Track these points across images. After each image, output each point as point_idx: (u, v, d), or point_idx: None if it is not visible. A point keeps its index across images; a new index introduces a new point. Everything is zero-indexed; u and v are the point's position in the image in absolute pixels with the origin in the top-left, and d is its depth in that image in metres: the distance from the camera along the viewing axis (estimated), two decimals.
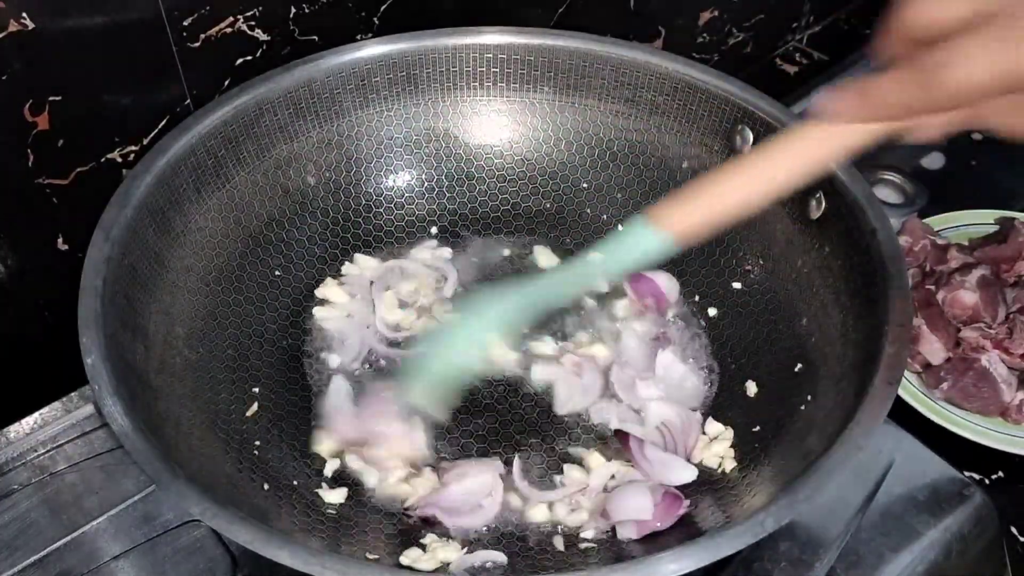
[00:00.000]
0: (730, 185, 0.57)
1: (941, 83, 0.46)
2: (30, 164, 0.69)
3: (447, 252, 0.82)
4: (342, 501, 0.66)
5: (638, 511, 0.62)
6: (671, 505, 0.63)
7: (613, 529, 0.64)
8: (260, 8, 0.75)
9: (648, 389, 0.73)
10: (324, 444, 0.69)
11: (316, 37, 0.80)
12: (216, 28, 0.74)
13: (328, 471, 0.68)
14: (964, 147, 1.07)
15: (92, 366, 0.58)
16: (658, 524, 0.62)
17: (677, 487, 0.66)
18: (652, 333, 0.77)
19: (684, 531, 0.62)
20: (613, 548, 0.63)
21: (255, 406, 0.70)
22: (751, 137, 0.76)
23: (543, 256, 0.83)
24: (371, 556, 0.61)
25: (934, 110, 0.48)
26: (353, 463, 0.68)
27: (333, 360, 0.75)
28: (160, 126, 0.74)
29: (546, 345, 0.76)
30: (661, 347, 0.75)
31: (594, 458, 0.68)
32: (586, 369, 0.74)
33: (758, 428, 0.69)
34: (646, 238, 0.59)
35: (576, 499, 0.67)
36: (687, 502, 0.63)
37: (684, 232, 0.59)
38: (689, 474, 0.66)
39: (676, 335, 0.77)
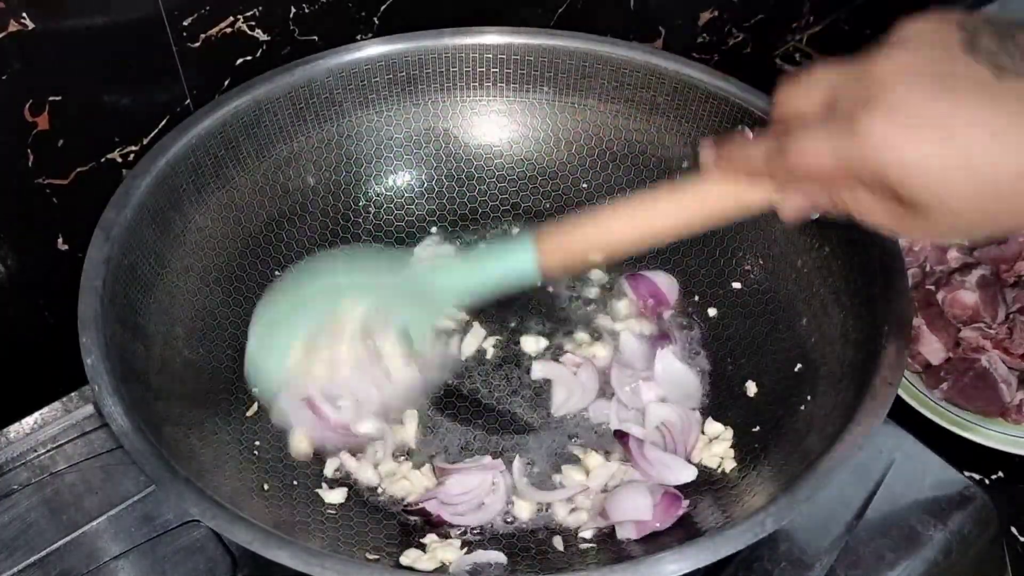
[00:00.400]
0: (607, 226, 0.59)
1: (788, 155, 0.49)
2: (30, 164, 0.69)
3: (449, 249, 0.82)
4: (342, 501, 0.66)
5: (637, 511, 0.62)
6: (670, 505, 0.63)
7: (613, 529, 0.64)
8: (260, 8, 0.75)
9: (648, 389, 0.73)
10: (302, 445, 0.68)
11: (316, 37, 0.80)
12: (216, 28, 0.74)
13: (328, 471, 0.68)
14: None
15: (92, 366, 0.58)
16: (657, 524, 0.62)
17: (677, 487, 0.66)
18: (652, 333, 0.77)
19: (684, 531, 0.62)
20: (613, 548, 0.63)
21: (255, 406, 0.70)
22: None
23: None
24: (371, 556, 0.61)
25: (783, 180, 0.51)
26: (348, 462, 0.68)
27: None
28: (160, 126, 0.74)
29: (537, 342, 0.77)
30: (660, 347, 0.75)
31: (593, 458, 0.68)
32: (585, 369, 0.74)
33: (758, 428, 0.69)
34: (523, 258, 0.60)
35: (576, 499, 0.67)
36: (686, 502, 0.63)
37: (553, 264, 0.60)
38: (689, 474, 0.66)
39: (676, 335, 0.77)
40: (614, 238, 0.59)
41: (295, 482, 0.66)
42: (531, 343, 0.77)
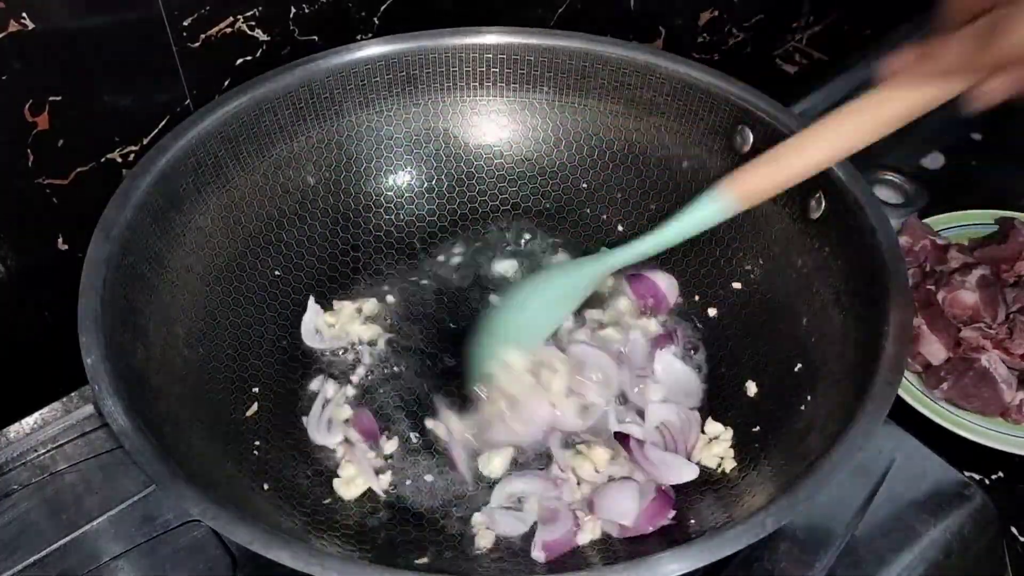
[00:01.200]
0: (802, 149, 0.62)
1: (994, 44, 0.49)
2: (30, 164, 0.69)
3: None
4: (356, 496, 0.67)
5: (621, 514, 0.63)
6: (655, 514, 0.63)
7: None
8: (260, 8, 0.75)
9: (647, 389, 0.73)
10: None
11: (316, 37, 0.80)
12: (216, 28, 0.74)
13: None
14: (964, 147, 1.07)
15: (92, 366, 0.58)
16: (644, 527, 0.62)
17: (678, 487, 0.66)
18: (652, 333, 0.77)
19: (684, 531, 0.62)
20: (612, 548, 0.63)
21: (255, 406, 0.70)
22: (751, 137, 0.76)
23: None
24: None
25: (989, 70, 0.51)
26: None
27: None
28: (160, 126, 0.74)
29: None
30: (661, 347, 0.75)
31: (596, 454, 0.68)
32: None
33: (758, 428, 0.69)
34: (713, 204, 0.65)
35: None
36: (672, 513, 0.63)
37: (752, 195, 0.64)
38: (691, 472, 0.66)
39: (676, 335, 0.77)
40: (810, 160, 0.62)
41: (295, 482, 0.66)
42: None
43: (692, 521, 0.63)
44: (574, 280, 0.74)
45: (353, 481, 0.67)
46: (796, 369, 0.70)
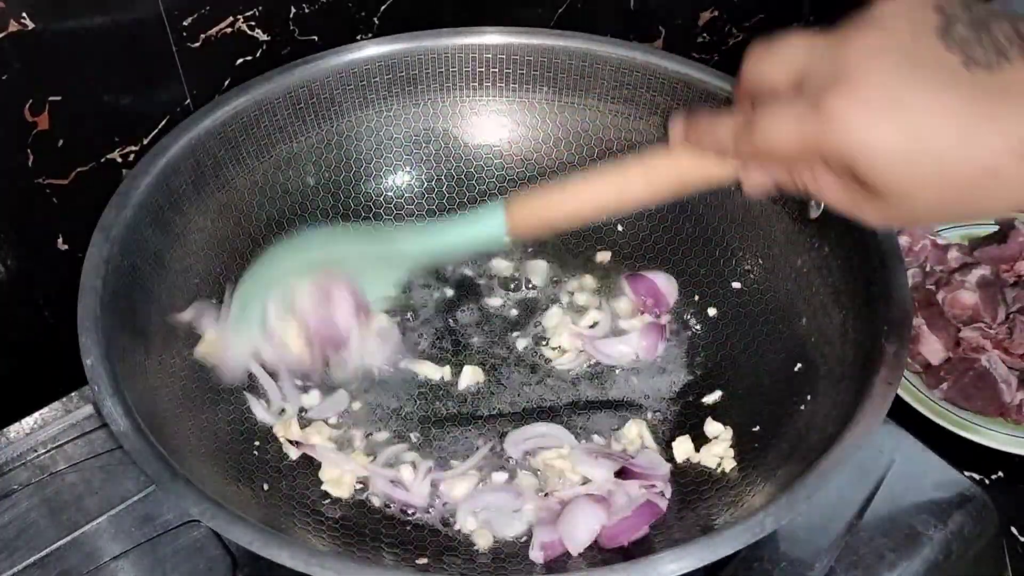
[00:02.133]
0: (577, 193, 0.60)
1: (753, 133, 0.50)
2: (30, 164, 0.69)
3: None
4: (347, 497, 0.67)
5: (574, 541, 0.62)
6: (633, 527, 0.62)
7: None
8: (260, 8, 0.75)
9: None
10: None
11: (316, 37, 0.80)
12: (216, 28, 0.74)
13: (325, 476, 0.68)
14: None
15: (92, 366, 0.58)
16: (619, 540, 0.62)
17: (677, 487, 0.66)
18: (651, 332, 0.77)
19: (684, 531, 0.62)
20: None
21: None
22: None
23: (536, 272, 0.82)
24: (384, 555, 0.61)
25: (748, 157, 0.52)
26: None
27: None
28: (160, 126, 0.74)
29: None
30: (659, 344, 0.75)
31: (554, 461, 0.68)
32: None
33: (758, 428, 0.69)
34: (493, 221, 0.61)
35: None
36: (645, 530, 0.63)
37: (522, 227, 0.61)
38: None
39: (674, 334, 0.77)
40: (582, 205, 0.60)
41: (296, 482, 0.66)
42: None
43: (692, 521, 0.63)
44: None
45: (340, 480, 0.67)
46: (796, 369, 0.70)
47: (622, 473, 0.66)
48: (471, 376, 0.74)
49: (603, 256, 0.83)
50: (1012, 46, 0.43)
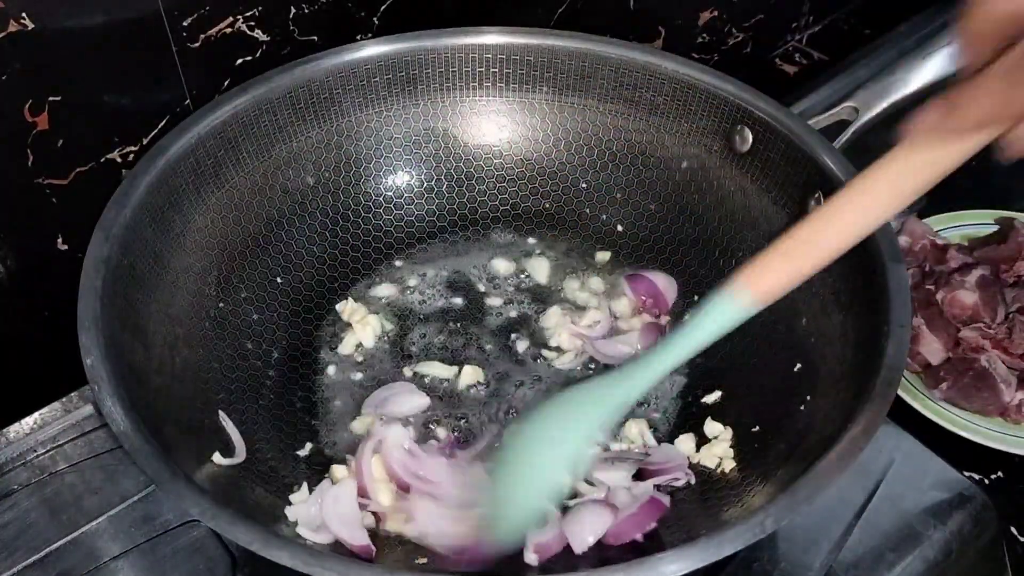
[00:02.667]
0: (822, 233, 0.54)
1: None
2: (30, 164, 0.69)
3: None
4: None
5: (579, 539, 0.62)
6: (625, 531, 0.62)
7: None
8: (260, 8, 0.75)
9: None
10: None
11: (316, 37, 0.80)
12: (216, 28, 0.74)
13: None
14: None
15: (92, 366, 0.58)
16: (624, 536, 0.62)
17: (674, 486, 0.66)
18: (649, 331, 0.77)
19: (684, 532, 0.62)
20: (605, 550, 0.63)
21: (256, 407, 0.70)
22: (750, 137, 0.77)
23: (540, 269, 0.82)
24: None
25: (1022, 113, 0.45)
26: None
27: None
28: (160, 126, 0.74)
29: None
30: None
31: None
32: None
33: (758, 428, 0.69)
34: (728, 306, 0.56)
35: None
36: (638, 536, 0.63)
37: (769, 294, 0.55)
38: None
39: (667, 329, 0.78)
40: (825, 250, 0.54)
41: (296, 482, 0.66)
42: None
43: (692, 522, 0.63)
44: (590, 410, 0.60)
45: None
46: (796, 369, 0.70)
47: (639, 475, 0.66)
48: (471, 376, 0.74)
49: (603, 256, 0.83)
50: None
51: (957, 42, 0.46)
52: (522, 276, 0.82)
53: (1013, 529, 0.75)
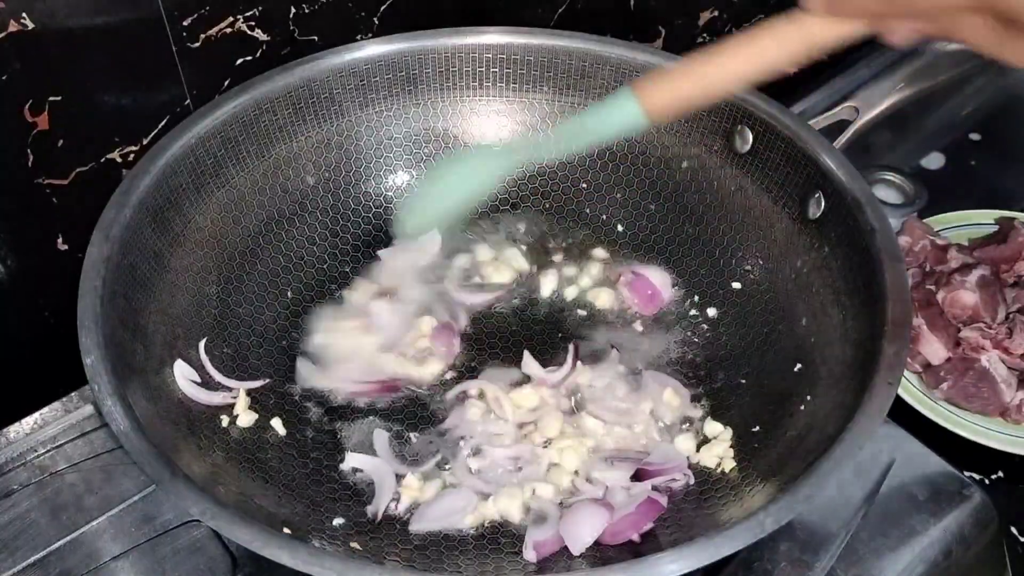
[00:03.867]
0: (710, 67, 0.60)
1: None
2: (30, 164, 0.69)
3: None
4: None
5: (575, 540, 0.62)
6: (622, 530, 0.62)
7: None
8: (260, 8, 0.75)
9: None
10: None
11: (316, 37, 0.80)
12: (216, 28, 0.74)
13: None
14: (964, 147, 1.07)
15: (92, 366, 0.58)
16: (621, 536, 0.62)
17: (675, 488, 0.66)
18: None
19: (684, 531, 0.62)
20: (603, 549, 0.63)
21: (254, 407, 0.70)
22: (751, 137, 0.77)
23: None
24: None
25: (901, 15, 0.52)
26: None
27: None
28: (160, 126, 0.74)
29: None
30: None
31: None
32: None
33: (758, 428, 0.69)
34: (626, 109, 0.61)
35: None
36: (635, 536, 0.63)
37: (660, 109, 0.61)
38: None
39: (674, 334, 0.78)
40: (717, 78, 0.60)
41: (295, 482, 0.66)
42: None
43: (691, 521, 0.63)
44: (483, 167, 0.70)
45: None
46: (796, 369, 0.70)
47: (638, 475, 0.66)
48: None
49: (601, 254, 0.83)
50: None
51: None
52: (522, 275, 0.82)
53: (1013, 529, 0.75)
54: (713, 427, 0.70)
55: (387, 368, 0.74)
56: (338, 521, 0.64)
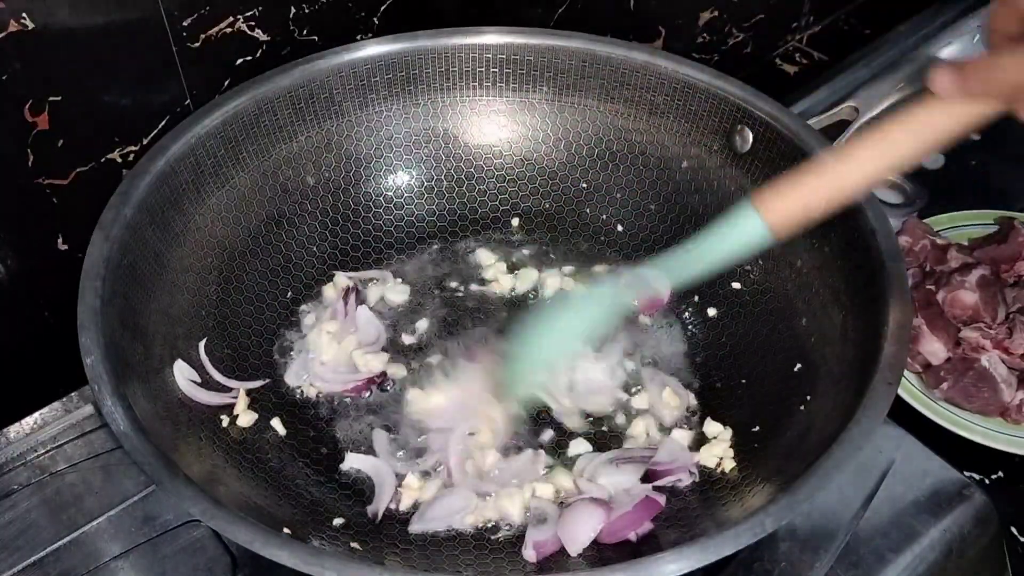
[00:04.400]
0: (838, 174, 0.58)
1: None
2: (30, 164, 0.69)
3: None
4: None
5: (573, 540, 0.62)
6: (619, 529, 0.62)
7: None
8: (260, 8, 0.75)
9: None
10: None
11: (316, 37, 0.80)
12: (216, 28, 0.74)
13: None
14: (964, 147, 1.06)
15: (92, 366, 0.58)
16: (619, 535, 0.62)
17: (675, 488, 0.66)
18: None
19: (683, 531, 0.62)
20: (603, 549, 0.63)
21: (254, 406, 0.70)
22: (751, 137, 0.77)
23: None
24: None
25: None
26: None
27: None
28: (160, 126, 0.74)
29: None
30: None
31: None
32: None
33: (758, 428, 0.69)
34: (750, 227, 0.59)
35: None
36: (632, 535, 0.63)
37: (784, 223, 0.59)
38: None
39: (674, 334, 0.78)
40: (845, 184, 0.58)
41: (295, 482, 0.66)
42: None
43: (691, 521, 0.63)
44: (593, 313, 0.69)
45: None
46: (796, 369, 0.70)
47: (647, 476, 0.66)
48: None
49: (601, 270, 0.83)
50: None
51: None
52: (521, 275, 0.82)
53: (1013, 529, 0.75)
54: (713, 427, 0.70)
55: (371, 365, 0.74)
56: (338, 521, 0.64)
